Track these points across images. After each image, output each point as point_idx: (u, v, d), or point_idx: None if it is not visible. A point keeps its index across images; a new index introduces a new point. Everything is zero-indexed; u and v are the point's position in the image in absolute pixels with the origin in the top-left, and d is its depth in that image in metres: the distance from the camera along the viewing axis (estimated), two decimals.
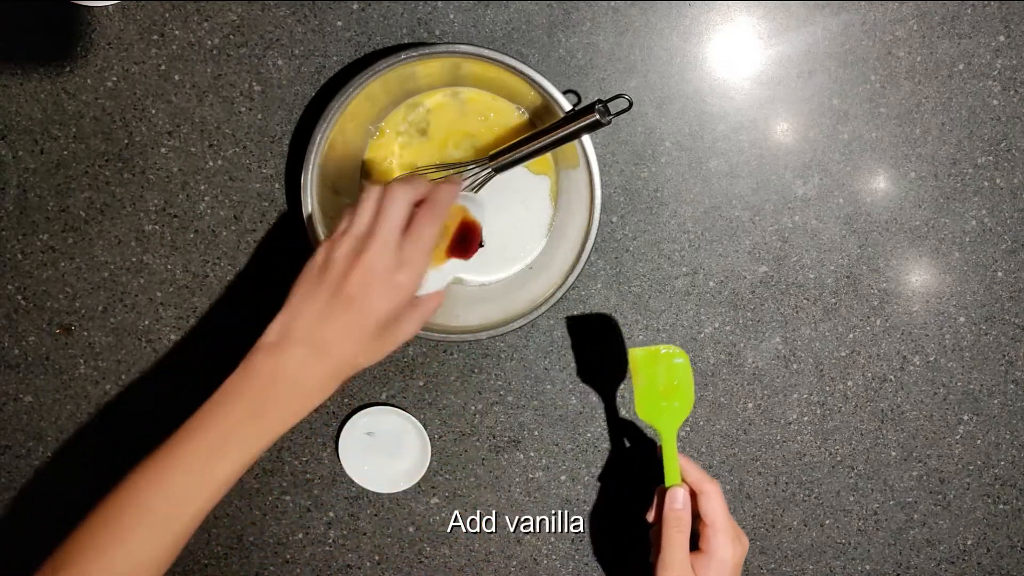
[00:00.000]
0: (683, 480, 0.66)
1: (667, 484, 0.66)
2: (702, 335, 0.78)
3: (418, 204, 0.59)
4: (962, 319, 0.78)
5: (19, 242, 0.77)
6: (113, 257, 0.77)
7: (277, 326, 0.57)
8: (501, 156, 0.69)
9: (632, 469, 0.80)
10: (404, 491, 0.80)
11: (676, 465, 0.66)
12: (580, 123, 0.65)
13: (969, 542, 0.81)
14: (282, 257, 0.77)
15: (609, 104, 0.65)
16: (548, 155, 0.74)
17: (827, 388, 0.79)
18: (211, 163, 0.76)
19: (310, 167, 0.68)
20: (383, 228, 0.57)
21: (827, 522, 0.80)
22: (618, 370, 0.79)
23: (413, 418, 0.78)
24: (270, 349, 0.56)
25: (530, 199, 0.76)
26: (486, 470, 0.80)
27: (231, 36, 0.73)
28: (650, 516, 0.68)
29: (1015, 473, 0.80)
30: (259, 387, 0.56)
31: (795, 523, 0.80)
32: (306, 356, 0.56)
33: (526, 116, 0.74)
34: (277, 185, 0.76)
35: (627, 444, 0.80)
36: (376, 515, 0.81)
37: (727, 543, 0.63)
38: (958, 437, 0.79)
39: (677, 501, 0.65)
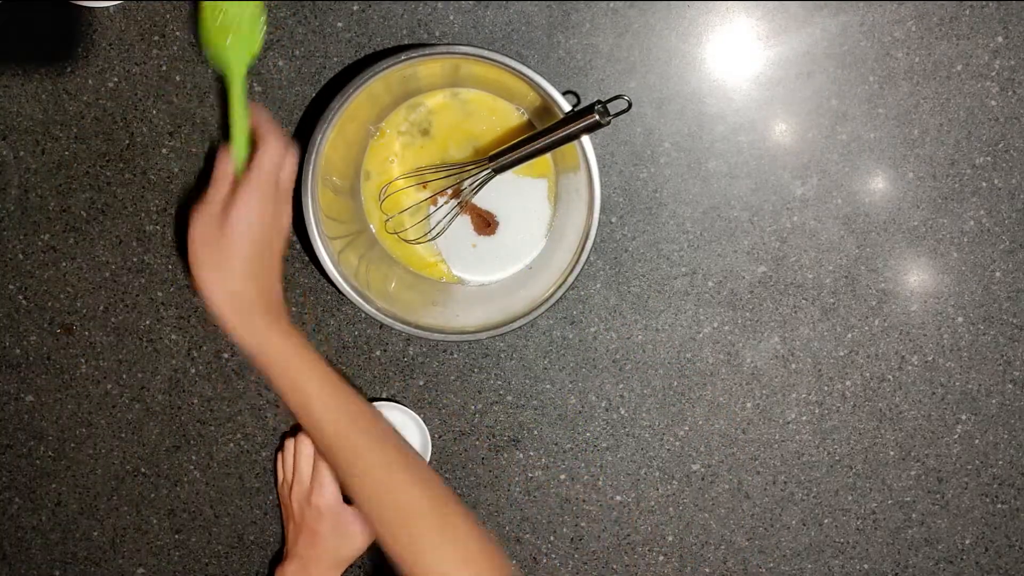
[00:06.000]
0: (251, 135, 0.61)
1: (234, 144, 0.61)
2: (701, 335, 0.78)
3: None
4: (960, 319, 0.78)
5: (20, 242, 0.77)
6: (114, 257, 0.77)
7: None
8: (501, 157, 0.70)
9: (631, 468, 0.80)
10: None
11: (245, 120, 0.60)
12: (579, 124, 0.65)
13: (967, 541, 0.81)
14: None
15: (608, 105, 0.66)
16: (547, 156, 0.74)
17: (825, 388, 0.79)
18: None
19: (310, 167, 0.68)
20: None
21: (826, 521, 0.81)
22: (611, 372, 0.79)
23: (414, 413, 0.78)
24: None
25: (529, 200, 0.76)
26: (486, 469, 0.80)
27: None
28: None
29: (1013, 472, 0.80)
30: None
31: (794, 522, 0.81)
32: None
33: (526, 117, 0.74)
34: None
35: (626, 444, 0.80)
36: None
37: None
38: (956, 437, 0.80)
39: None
